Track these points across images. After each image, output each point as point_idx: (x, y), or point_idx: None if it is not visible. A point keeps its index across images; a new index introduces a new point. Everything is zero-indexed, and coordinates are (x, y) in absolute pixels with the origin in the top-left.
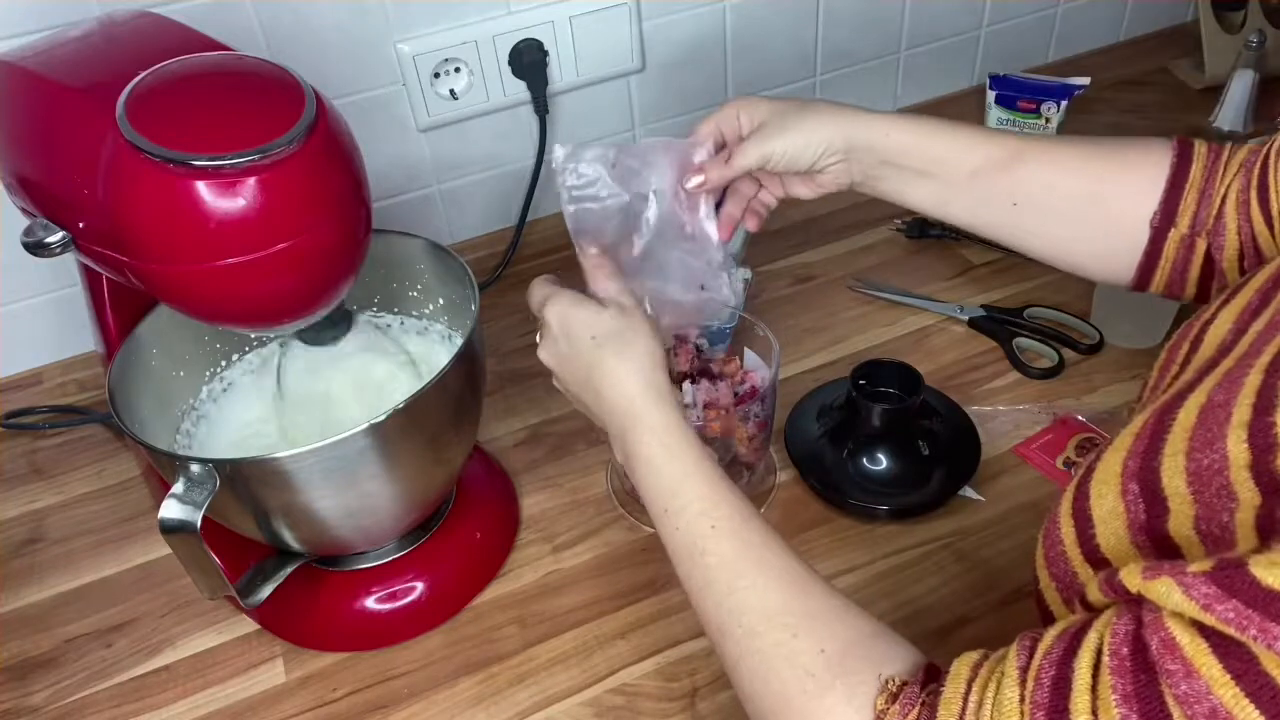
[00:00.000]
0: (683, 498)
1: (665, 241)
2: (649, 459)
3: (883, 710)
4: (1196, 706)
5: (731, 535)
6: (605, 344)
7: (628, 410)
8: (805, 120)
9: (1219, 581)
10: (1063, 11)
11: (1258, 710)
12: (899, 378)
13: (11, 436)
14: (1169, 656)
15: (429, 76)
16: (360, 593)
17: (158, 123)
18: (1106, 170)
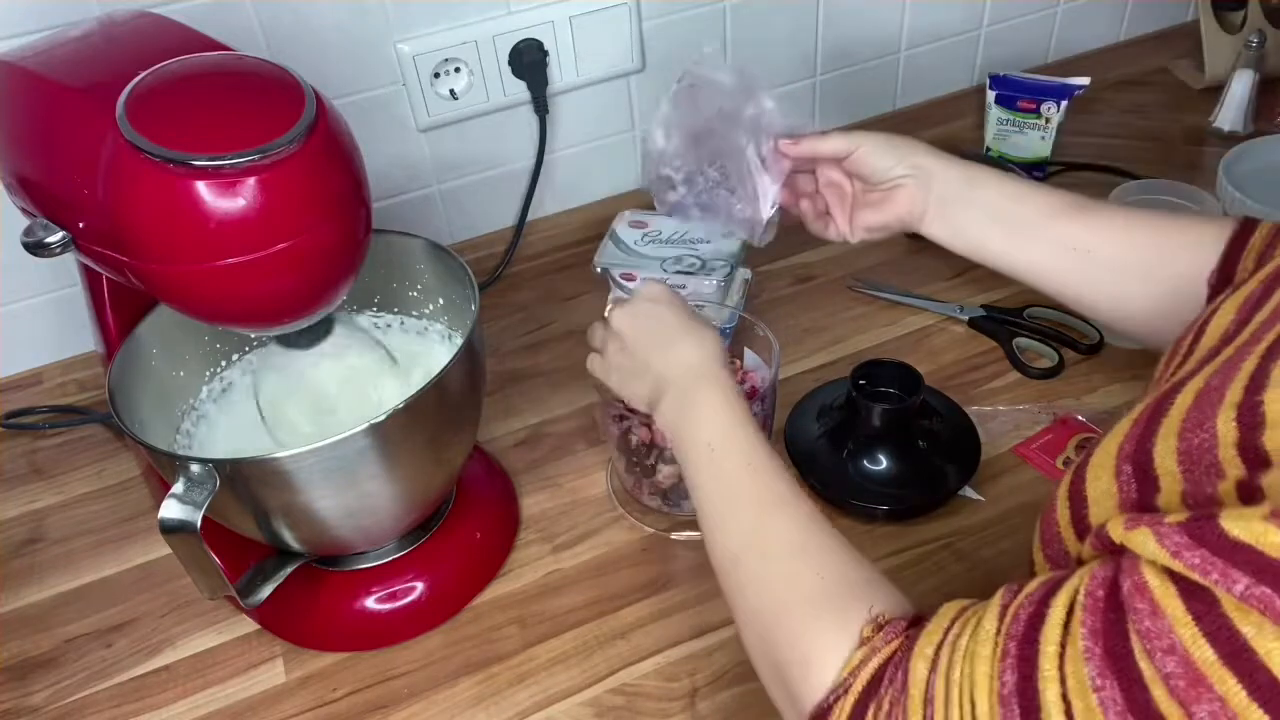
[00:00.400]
0: (729, 435)
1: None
2: (708, 400)
3: (868, 636)
4: (1156, 641)
5: (765, 475)
6: (692, 315)
7: (704, 363)
8: (897, 137)
9: (1190, 531)
10: (1063, 11)
11: (1213, 649)
12: (899, 378)
13: (11, 436)
14: (1138, 596)
15: (429, 76)
16: (360, 593)
17: (158, 123)
18: (1174, 228)
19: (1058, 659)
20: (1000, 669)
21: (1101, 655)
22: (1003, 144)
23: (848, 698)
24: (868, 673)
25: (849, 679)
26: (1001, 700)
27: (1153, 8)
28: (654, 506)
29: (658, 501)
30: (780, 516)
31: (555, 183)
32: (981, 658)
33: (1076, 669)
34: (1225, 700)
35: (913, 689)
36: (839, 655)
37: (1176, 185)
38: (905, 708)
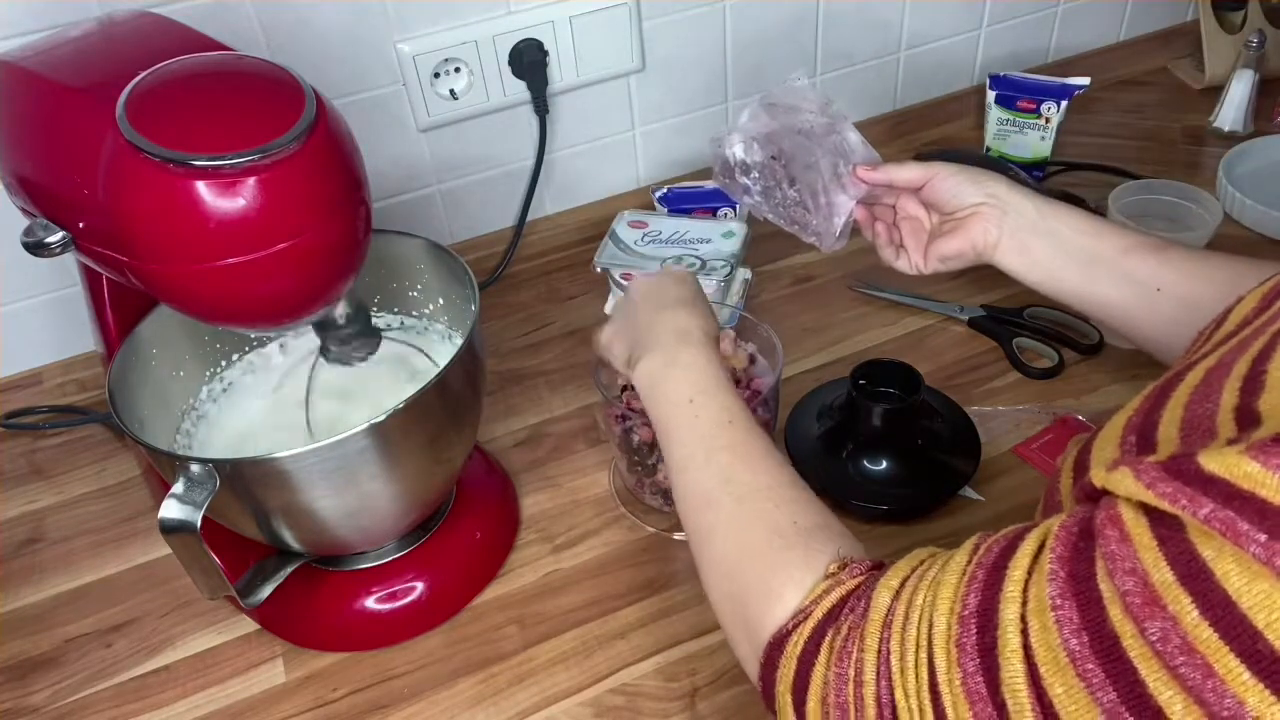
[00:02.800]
0: (710, 395)
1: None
2: (693, 363)
3: (833, 572)
4: (1119, 563)
5: (743, 431)
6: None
7: (694, 330)
8: (974, 168)
9: (1167, 467)
10: (1063, 11)
11: (1172, 571)
12: (899, 378)
13: (11, 436)
14: (1109, 525)
15: (429, 76)
16: (360, 593)
17: (158, 123)
18: (1249, 268)
19: (1023, 583)
20: (965, 592)
21: (1065, 578)
22: (1003, 144)
23: (807, 623)
24: (830, 601)
25: (810, 606)
26: (960, 620)
27: (1153, 8)
28: (656, 506)
29: (659, 501)
30: (757, 462)
31: (555, 183)
32: (947, 584)
33: (1039, 590)
34: (1177, 619)
35: (873, 614)
36: (803, 587)
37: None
38: (863, 631)
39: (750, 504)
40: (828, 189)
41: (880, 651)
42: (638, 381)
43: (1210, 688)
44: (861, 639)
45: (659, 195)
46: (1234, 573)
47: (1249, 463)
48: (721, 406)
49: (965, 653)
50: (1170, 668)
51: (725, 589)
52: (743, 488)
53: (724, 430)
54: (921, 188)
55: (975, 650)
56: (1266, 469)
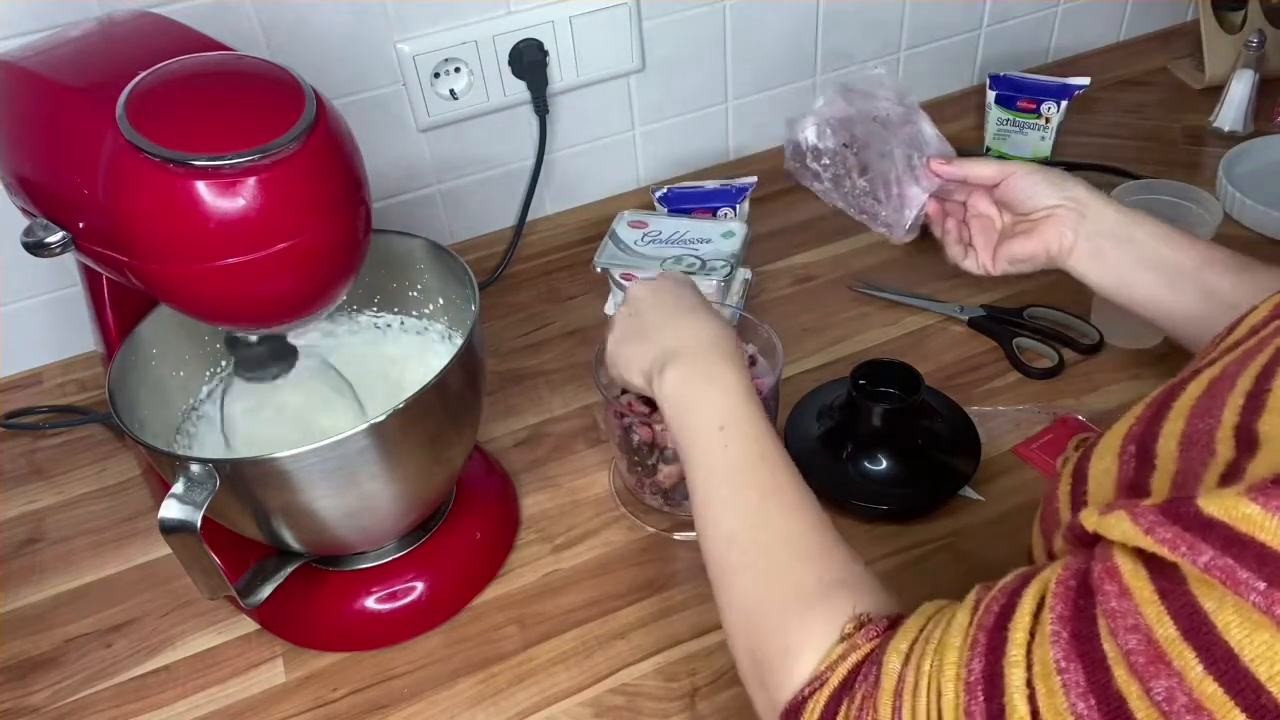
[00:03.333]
0: (742, 424)
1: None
2: (724, 380)
3: (849, 633)
4: (1121, 620)
5: (774, 469)
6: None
7: (721, 341)
8: (1052, 169)
9: (1165, 511)
10: (1063, 11)
11: (1175, 625)
12: (899, 378)
13: (11, 436)
14: (1107, 579)
15: (429, 76)
16: (360, 593)
17: (158, 123)
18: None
19: (1025, 645)
20: (969, 657)
21: (1068, 639)
22: (1003, 144)
23: (823, 691)
24: (845, 668)
25: (826, 673)
26: (967, 687)
27: (1153, 8)
28: (655, 506)
29: (659, 501)
30: (784, 509)
31: (555, 183)
32: (951, 648)
33: (1043, 653)
34: (1183, 675)
35: (885, 681)
36: (819, 650)
37: (1176, 185)
38: (876, 700)
39: (775, 554)
40: (900, 180)
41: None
42: (663, 395)
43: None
44: (875, 709)
45: (659, 195)
46: (1235, 624)
47: (1248, 505)
48: (754, 439)
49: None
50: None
51: (744, 637)
52: (769, 534)
53: (754, 467)
54: (996, 186)
55: (984, 718)
56: (1266, 511)
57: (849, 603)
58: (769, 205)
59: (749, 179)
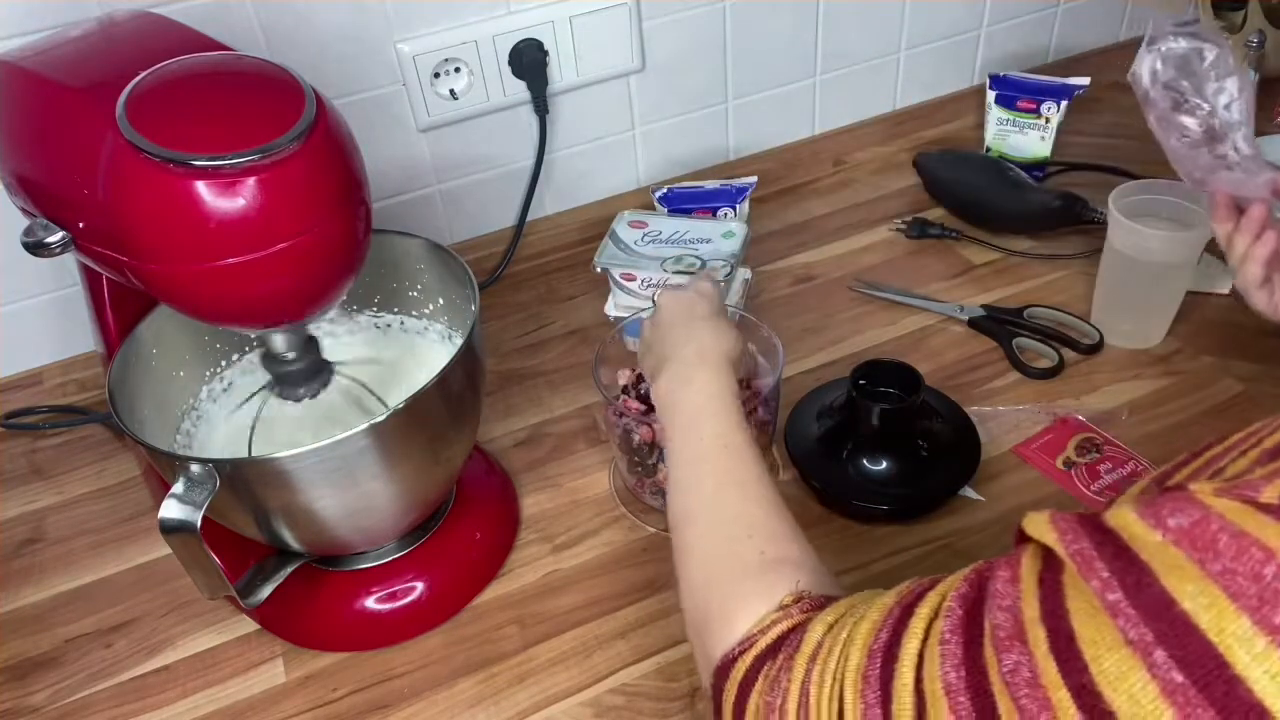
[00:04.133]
0: (714, 418)
1: None
2: (705, 384)
3: (786, 604)
4: (999, 600)
5: (736, 458)
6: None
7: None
8: None
9: (1080, 516)
10: (1063, 11)
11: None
12: (899, 378)
13: (11, 436)
14: (1003, 566)
15: (429, 76)
16: (360, 593)
17: (158, 123)
18: None
19: (927, 619)
20: (879, 628)
21: (960, 616)
22: (1003, 144)
23: (751, 650)
24: (776, 633)
25: (757, 635)
26: (870, 654)
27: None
28: (656, 506)
29: (659, 501)
30: (738, 494)
31: (555, 183)
32: (868, 620)
33: (937, 625)
34: (1032, 653)
35: (805, 646)
36: (755, 616)
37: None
38: (793, 663)
39: (725, 529)
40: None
41: (803, 683)
42: (655, 399)
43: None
44: (790, 670)
45: (659, 195)
46: (1080, 610)
47: (1130, 511)
48: (721, 431)
49: (869, 685)
50: (1015, 699)
51: (692, 605)
52: (722, 512)
53: (718, 455)
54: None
55: (877, 682)
56: (1138, 515)
57: (791, 578)
58: (769, 205)
59: (749, 179)
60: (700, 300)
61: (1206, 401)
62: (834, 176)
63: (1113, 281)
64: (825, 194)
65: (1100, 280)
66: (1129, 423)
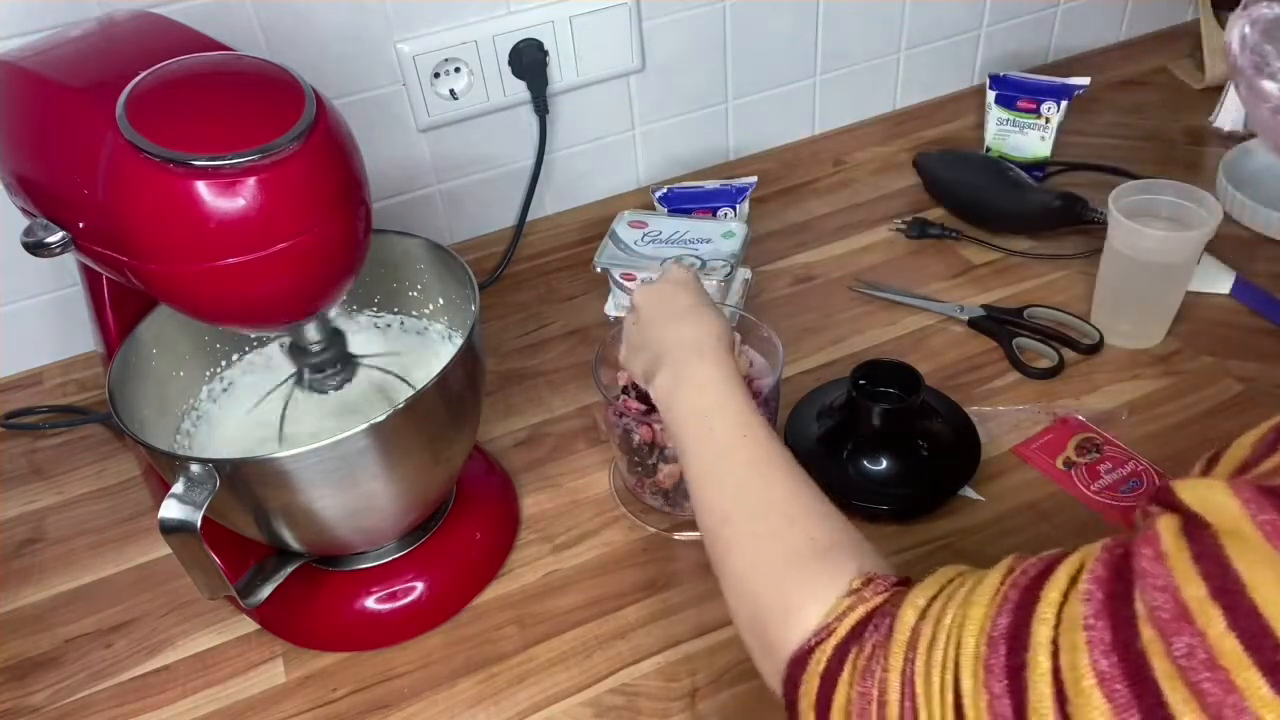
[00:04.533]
0: (725, 409)
1: None
2: (706, 377)
3: (856, 587)
4: (1151, 580)
5: (758, 444)
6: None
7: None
8: None
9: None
10: (1063, 11)
11: (1205, 586)
12: (899, 378)
13: (11, 436)
14: (1145, 545)
15: (429, 76)
16: (360, 593)
17: (158, 123)
18: None
19: (1058, 605)
20: (996, 612)
21: (1102, 598)
22: (1003, 144)
23: (830, 640)
24: (854, 618)
25: (833, 623)
26: (990, 641)
27: (1153, 8)
28: (656, 506)
29: (659, 501)
30: (773, 477)
31: (555, 183)
32: (978, 604)
33: (1072, 610)
34: (1205, 633)
35: (898, 633)
36: (824, 603)
37: (1176, 185)
38: (888, 650)
39: (764, 521)
40: None
41: (905, 672)
42: (656, 399)
43: (1230, 703)
44: (886, 658)
45: (659, 195)
46: (1266, 583)
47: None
48: (735, 421)
49: (993, 674)
50: (1192, 684)
51: (743, 608)
52: (757, 504)
53: (739, 445)
54: None
55: (1003, 672)
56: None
57: (852, 561)
58: (769, 205)
59: (749, 179)
60: (678, 290)
61: (1206, 401)
62: (834, 176)
63: (1113, 281)
64: (825, 194)
65: (1100, 280)
66: (1129, 423)
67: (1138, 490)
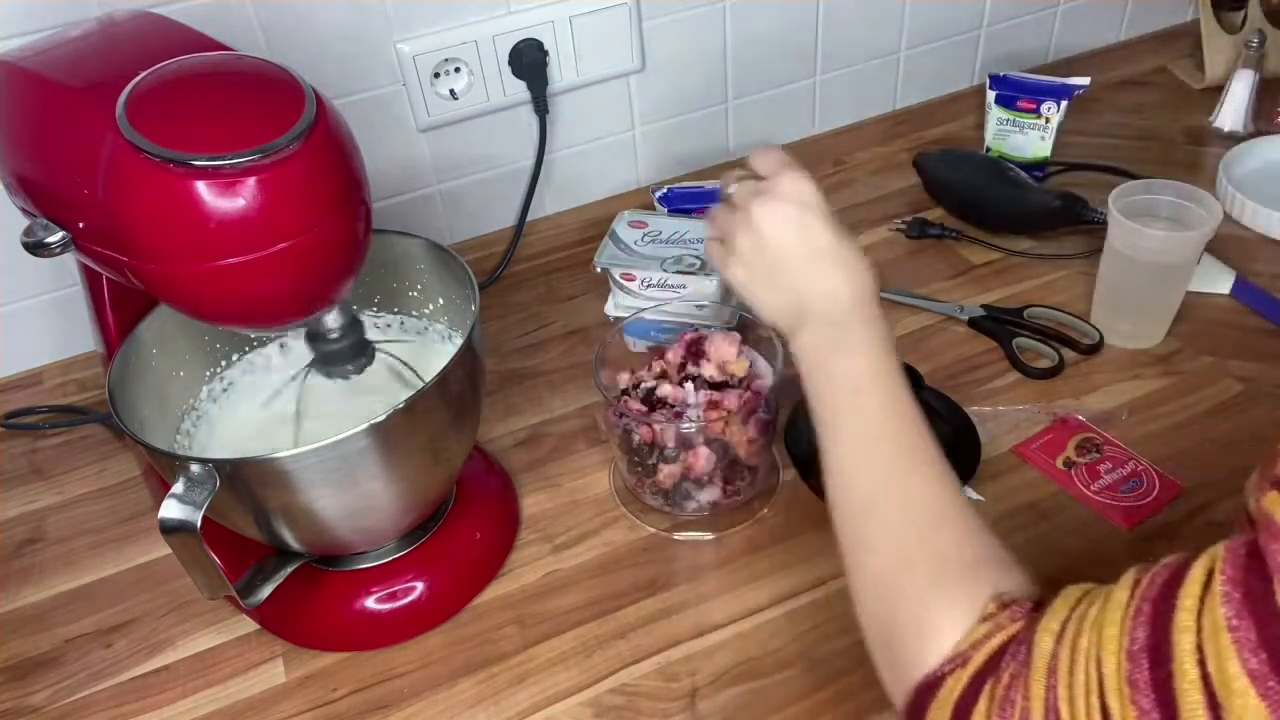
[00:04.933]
0: (881, 387)
1: None
2: (859, 343)
3: (992, 612)
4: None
5: (914, 436)
6: (842, 235)
7: (858, 298)
8: None
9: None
10: (1063, 11)
11: None
12: None
13: (11, 436)
14: (1274, 540)
15: (429, 76)
16: (360, 593)
17: (158, 123)
18: None
19: (1195, 611)
20: (1132, 627)
21: (1240, 599)
22: (1003, 144)
23: (965, 669)
24: (990, 647)
25: (969, 651)
26: (1130, 656)
27: (1153, 8)
28: (656, 506)
29: (659, 501)
30: (923, 476)
31: (555, 183)
32: (1111, 622)
33: (1213, 615)
34: None
35: (1036, 660)
36: (960, 627)
37: (1176, 185)
38: (1027, 680)
39: (912, 522)
40: None
41: (1047, 700)
42: (798, 356)
43: None
44: (1026, 688)
45: (659, 195)
46: None
47: None
48: (887, 398)
49: (1139, 690)
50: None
51: (878, 615)
52: (909, 505)
53: (894, 430)
54: None
55: (1149, 687)
56: None
57: (990, 581)
58: None
59: None
60: (811, 218)
61: (1206, 401)
62: (834, 176)
63: (1113, 281)
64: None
65: (1100, 280)
66: (1129, 423)
67: (1138, 490)
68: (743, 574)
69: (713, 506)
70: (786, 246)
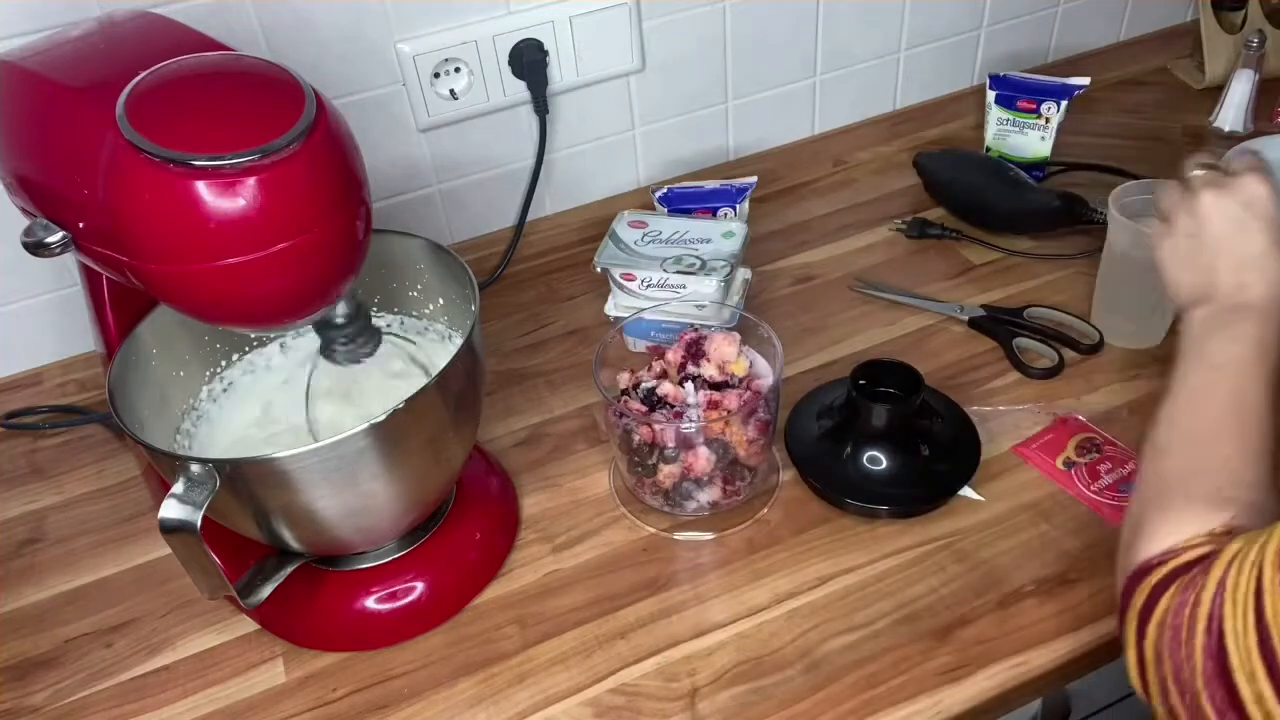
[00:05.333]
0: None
1: None
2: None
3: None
4: None
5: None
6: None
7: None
8: None
9: None
10: (1063, 11)
11: None
12: (899, 378)
13: (11, 436)
14: None
15: (429, 76)
16: (360, 593)
17: (158, 123)
18: None
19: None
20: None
21: None
22: (1003, 144)
23: (1171, 561)
24: (1199, 551)
25: (1181, 549)
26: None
27: (1153, 8)
28: (656, 506)
29: (659, 501)
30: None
31: (555, 183)
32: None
33: None
34: None
35: (1223, 555)
36: (1187, 532)
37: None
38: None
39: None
40: None
41: (1220, 580)
42: (1184, 322)
43: None
44: (1206, 573)
45: (659, 195)
46: None
47: None
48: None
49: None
50: None
51: (1139, 506)
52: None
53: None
54: None
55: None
56: None
57: (1230, 516)
58: (769, 205)
59: (749, 179)
60: (1254, 223)
61: None
62: (834, 176)
63: (1113, 281)
64: (825, 194)
65: (1100, 280)
66: (1129, 423)
67: None
68: (743, 574)
69: (713, 506)
70: (1221, 240)
